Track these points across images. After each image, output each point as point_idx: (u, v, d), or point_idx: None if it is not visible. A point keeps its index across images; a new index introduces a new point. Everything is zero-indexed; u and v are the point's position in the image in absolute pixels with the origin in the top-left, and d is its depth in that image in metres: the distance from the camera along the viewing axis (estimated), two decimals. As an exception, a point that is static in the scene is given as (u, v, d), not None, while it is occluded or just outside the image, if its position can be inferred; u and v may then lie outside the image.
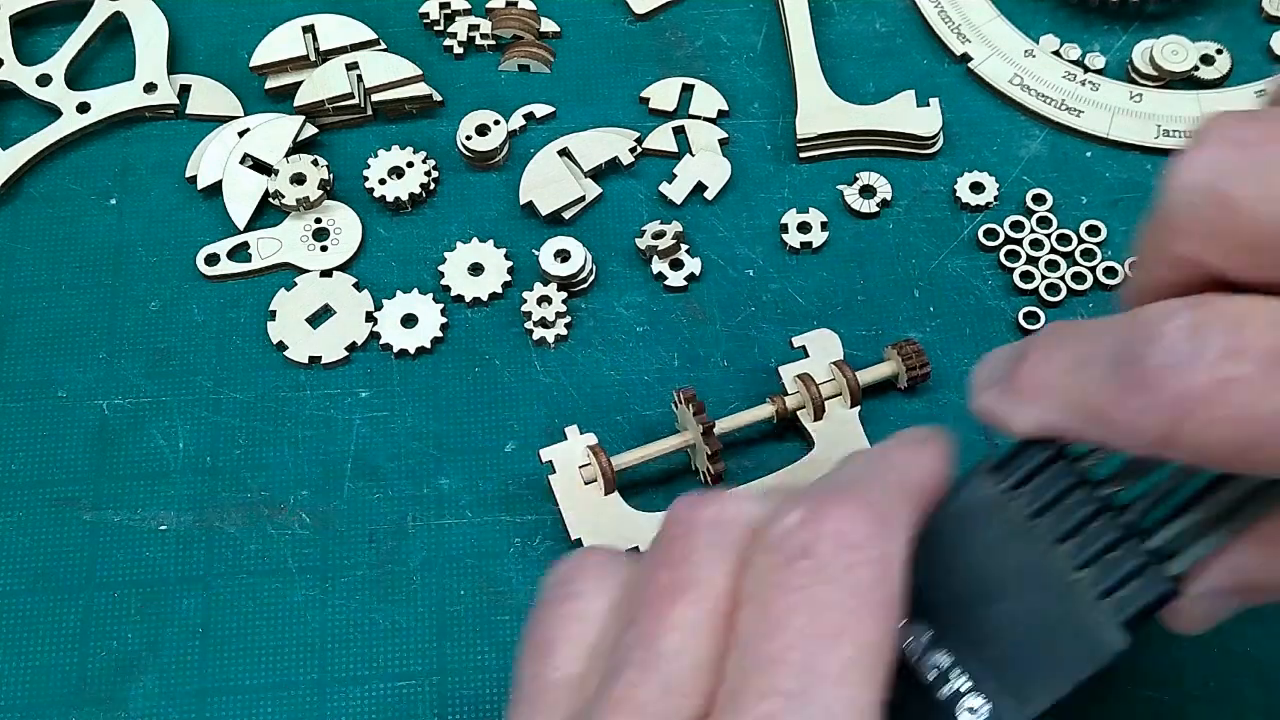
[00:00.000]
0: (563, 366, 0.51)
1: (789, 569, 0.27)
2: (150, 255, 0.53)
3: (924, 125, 0.54)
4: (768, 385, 0.50)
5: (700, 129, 0.55)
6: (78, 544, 0.47)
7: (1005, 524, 0.32)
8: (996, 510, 0.32)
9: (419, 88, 0.56)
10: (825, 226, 0.53)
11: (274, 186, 0.53)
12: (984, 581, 0.31)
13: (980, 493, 0.32)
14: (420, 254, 0.53)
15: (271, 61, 0.56)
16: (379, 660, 0.45)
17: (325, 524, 0.48)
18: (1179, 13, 0.58)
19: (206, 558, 0.47)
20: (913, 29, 0.58)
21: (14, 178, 0.54)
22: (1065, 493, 0.32)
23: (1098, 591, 0.31)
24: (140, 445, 0.49)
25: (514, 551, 0.47)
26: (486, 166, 0.55)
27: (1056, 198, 0.53)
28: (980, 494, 0.32)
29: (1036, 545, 0.31)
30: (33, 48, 0.58)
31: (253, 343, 0.51)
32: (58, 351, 0.51)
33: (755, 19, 0.58)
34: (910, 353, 0.48)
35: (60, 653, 0.46)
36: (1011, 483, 0.32)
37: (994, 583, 0.31)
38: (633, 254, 0.53)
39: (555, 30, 0.58)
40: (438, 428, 0.49)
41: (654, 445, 0.47)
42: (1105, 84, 0.55)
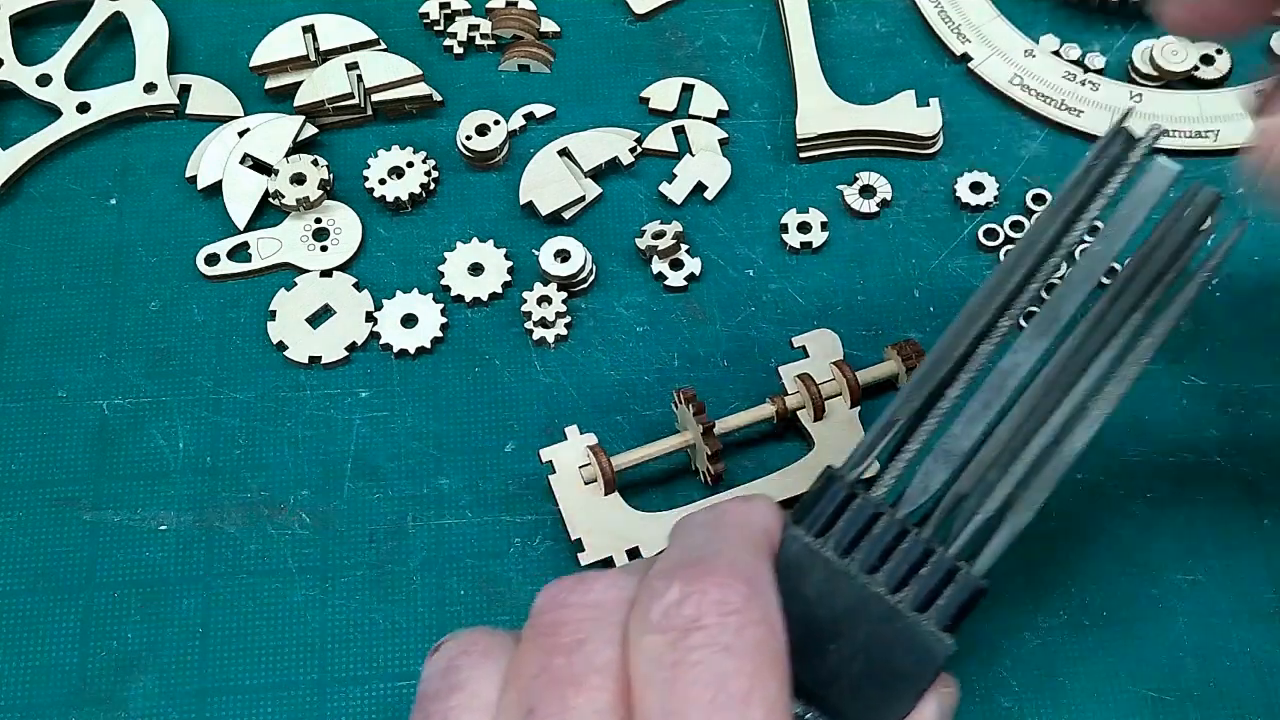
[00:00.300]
0: (563, 366, 0.51)
1: (684, 644, 0.28)
2: (150, 255, 0.53)
3: (924, 125, 0.54)
4: (768, 385, 0.50)
5: (700, 129, 0.55)
6: (78, 544, 0.47)
7: (823, 568, 0.34)
8: (812, 558, 0.34)
9: (419, 88, 0.56)
10: (825, 226, 0.53)
11: (274, 186, 0.53)
12: (818, 626, 0.34)
13: (794, 546, 0.34)
14: (420, 254, 0.53)
15: (271, 61, 0.56)
16: (379, 660, 0.45)
17: (325, 524, 0.48)
18: (1179, 13, 0.58)
19: (206, 558, 0.47)
20: (913, 29, 0.58)
21: (14, 178, 0.54)
22: (868, 525, 0.35)
23: (916, 607, 0.34)
24: (140, 445, 0.49)
25: (514, 551, 0.47)
26: (486, 166, 0.55)
27: (1056, 198, 0.53)
28: (795, 547, 0.34)
29: (855, 581, 0.34)
30: (33, 48, 0.58)
31: (253, 343, 0.51)
32: (58, 351, 0.51)
33: (755, 19, 0.58)
34: (910, 353, 0.48)
35: (60, 653, 0.46)
36: (818, 528, 0.35)
37: (827, 626, 0.34)
38: (633, 254, 0.53)
39: (555, 30, 0.58)
40: (438, 428, 0.49)
41: (654, 445, 0.47)
42: (1105, 84, 0.55)
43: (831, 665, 0.33)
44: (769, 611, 0.29)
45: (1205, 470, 0.48)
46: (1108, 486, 0.48)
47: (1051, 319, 0.36)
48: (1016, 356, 0.36)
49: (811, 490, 0.35)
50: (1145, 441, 0.48)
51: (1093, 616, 0.45)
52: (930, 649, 0.33)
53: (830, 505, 0.35)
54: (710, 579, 0.29)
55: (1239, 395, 0.49)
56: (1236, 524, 0.47)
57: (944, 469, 0.36)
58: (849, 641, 0.33)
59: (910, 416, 0.36)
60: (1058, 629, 0.45)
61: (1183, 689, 0.44)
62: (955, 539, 0.35)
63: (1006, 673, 0.45)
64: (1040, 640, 0.45)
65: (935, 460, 0.36)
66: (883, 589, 0.34)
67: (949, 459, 0.36)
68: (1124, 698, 0.44)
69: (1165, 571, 0.46)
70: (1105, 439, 0.48)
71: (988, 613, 0.46)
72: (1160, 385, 0.49)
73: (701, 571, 0.29)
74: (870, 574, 0.34)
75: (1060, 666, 0.45)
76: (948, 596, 0.34)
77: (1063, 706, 0.44)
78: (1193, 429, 0.49)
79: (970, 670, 0.45)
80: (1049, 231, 0.37)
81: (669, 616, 0.29)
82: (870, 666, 0.33)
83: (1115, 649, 0.45)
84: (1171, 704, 0.44)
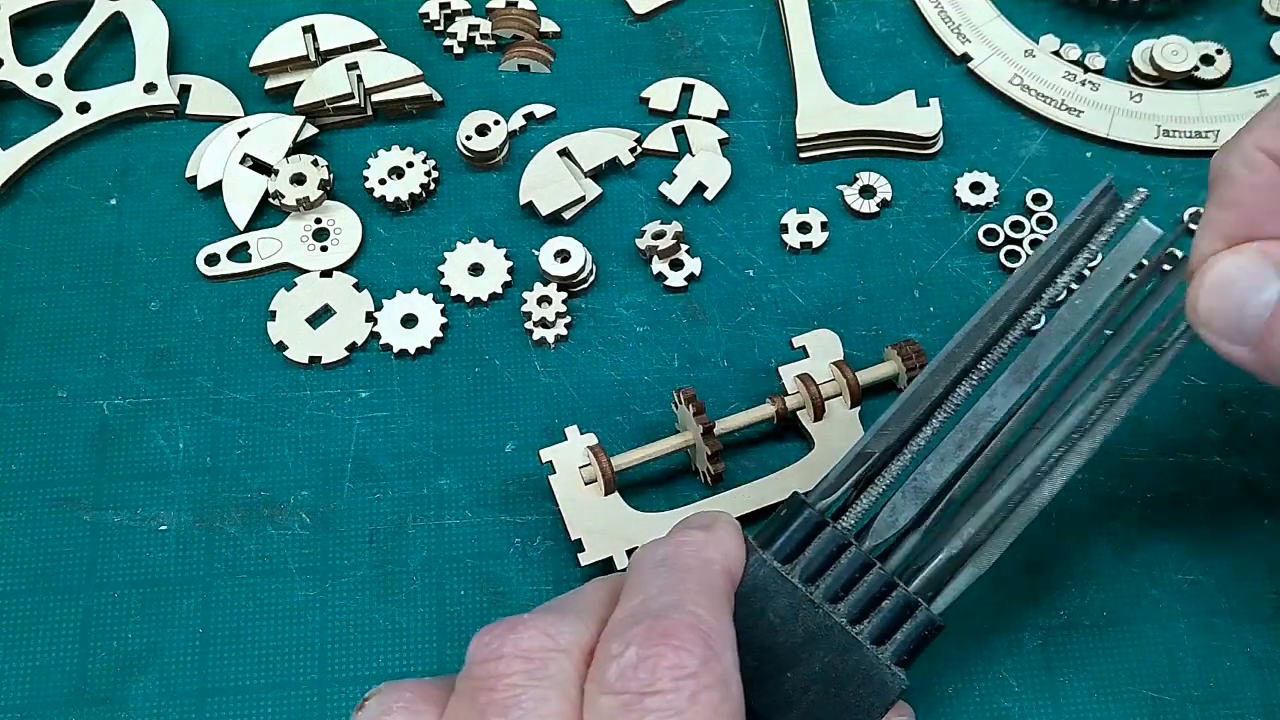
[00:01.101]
0: (563, 366, 0.51)
1: (638, 708, 0.29)
2: (150, 255, 0.53)
3: (924, 125, 0.54)
4: (768, 385, 0.50)
5: (700, 129, 0.55)
6: (78, 544, 0.47)
7: (787, 595, 0.35)
8: (777, 583, 0.35)
9: (419, 88, 0.56)
10: (825, 226, 0.53)
11: (274, 186, 0.53)
12: (778, 652, 0.34)
13: (762, 570, 0.35)
14: (420, 254, 0.53)
15: (271, 61, 0.56)
16: (379, 660, 0.45)
17: (325, 524, 0.48)
18: (1179, 13, 0.58)
19: (206, 558, 0.47)
20: (913, 29, 0.58)
21: (14, 178, 0.54)
22: (835, 555, 0.35)
23: (872, 638, 0.34)
24: (140, 445, 0.49)
25: (514, 551, 0.47)
26: (486, 166, 0.55)
27: (1056, 198, 0.53)
28: (762, 570, 0.35)
29: (816, 609, 0.34)
30: (33, 48, 0.58)
31: (253, 343, 0.51)
32: (58, 351, 0.51)
33: (755, 19, 0.58)
34: (910, 353, 0.48)
35: (60, 653, 0.46)
36: (786, 553, 0.35)
37: (786, 652, 0.34)
38: (633, 254, 0.53)
39: (555, 30, 0.58)
40: (438, 428, 0.49)
41: (654, 445, 0.47)
42: (1105, 84, 0.55)
43: (786, 692, 0.34)
44: (725, 673, 0.30)
45: (1205, 470, 0.48)
46: (1108, 486, 0.48)
47: (1030, 367, 0.37)
48: (993, 400, 0.37)
49: (780, 514, 0.36)
50: (1145, 441, 0.48)
51: (1093, 616, 0.45)
52: (885, 683, 0.34)
53: (800, 532, 0.35)
54: (667, 642, 0.29)
55: (1239, 395, 0.49)
56: (1236, 524, 0.47)
57: (913, 505, 0.36)
58: (805, 669, 0.34)
59: (884, 450, 0.37)
60: (1058, 629, 0.45)
61: (1183, 689, 0.44)
62: (917, 575, 0.36)
63: (1006, 673, 0.45)
64: (1040, 640, 0.45)
65: (905, 496, 0.36)
66: (844, 619, 0.34)
67: (919, 495, 0.36)
68: (1124, 698, 0.44)
69: (1165, 571, 0.46)
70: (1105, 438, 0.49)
71: (988, 612, 0.46)
72: (1160, 385, 0.49)
73: (659, 633, 0.29)
74: (833, 603, 0.35)
75: (1060, 666, 0.45)
76: (905, 631, 0.34)
77: (1063, 706, 0.44)
78: (1193, 429, 0.49)
79: (970, 670, 0.45)
80: (1033, 281, 0.38)
81: (624, 679, 0.29)
82: (825, 696, 0.34)
83: (1115, 649, 0.45)
84: (1171, 704, 0.44)
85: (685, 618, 0.30)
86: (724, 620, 0.31)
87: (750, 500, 0.47)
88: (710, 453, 0.46)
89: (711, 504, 0.47)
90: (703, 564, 0.33)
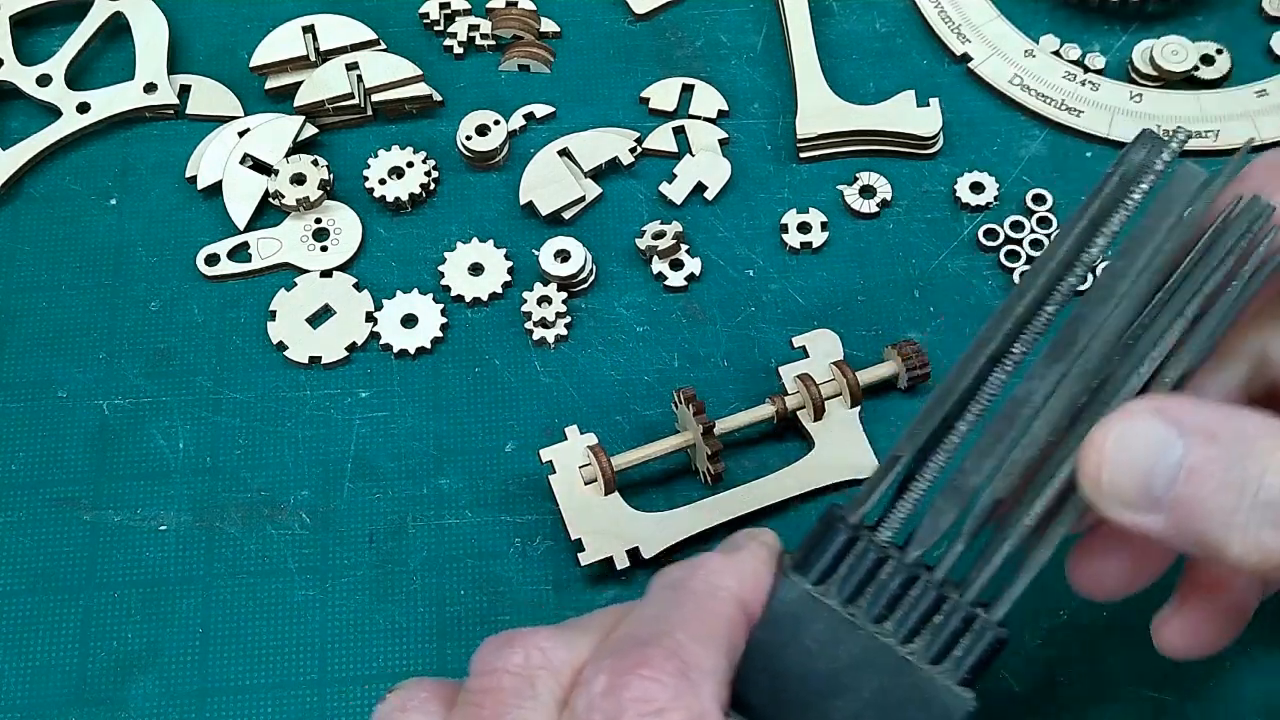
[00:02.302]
0: (563, 366, 0.51)
1: None
2: (150, 255, 0.53)
3: (924, 125, 0.54)
4: (768, 385, 0.50)
5: (700, 129, 0.55)
6: (78, 544, 0.47)
7: (825, 618, 0.31)
8: (812, 607, 0.31)
9: (419, 88, 0.56)
10: (825, 226, 0.53)
11: (274, 186, 0.53)
12: (820, 681, 0.31)
13: (792, 593, 0.32)
14: (420, 254, 0.53)
15: (271, 61, 0.56)
16: (379, 660, 0.45)
17: (325, 524, 0.48)
18: (1179, 13, 0.58)
19: (206, 558, 0.47)
20: (913, 29, 0.58)
21: (14, 178, 0.54)
22: (874, 570, 0.32)
23: (930, 658, 0.31)
24: (140, 445, 0.49)
25: (514, 551, 0.47)
26: (486, 166, 0.55)
27: (1056, 198, 0.53)
28: (793, 594, 0.32)
29: (860, 631, 0.31)
30: (33, 48, 0.58)
31: (253, 343, 0.51)
32: (58, 351, 0.51)
33: (755, 19, 0.58)
34: (910, 353, 0.48)
35: (60, 653, 0.46)
36: (820, 574, 0.32)
37: (829, 681, 0.31)
38: (633, 254, 0.53)
39: (555, 30, 0.58)
40: (438, 428, 0.49)
41: (654, 445, 0.47)
42: (1105, 84, 0.55)
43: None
44: (702, 709, 0.28)
45: (1205, 470, 0.48)
46: (1108, 486, 0.48)
47: (1068, 342, 0.33)
48: (1030, 384, 0.33)
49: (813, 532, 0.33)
50: (1145, 441, 0.48)
51: (1093, 616, 0.45)
52: (947, 706, 0.30)
53: (833, 549, 0.32)
54: (639, 671, 0.28)
55: (1239, 395, 0.49)
56: (1236, 524, 0.47)
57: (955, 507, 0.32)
58: (854, 697, 0.31)
59: (916, 452, 0.33)
60: (1058, 629, 0.45)
61: (1183, 689, 0.44)
62: (971, 583, 0.32)
63: (1006, 673, 0.45)
64: (1040, 640, 0.45)
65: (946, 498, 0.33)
66: (893, 639, 0.31)
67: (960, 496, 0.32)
68: (1124, 698, 0.44)
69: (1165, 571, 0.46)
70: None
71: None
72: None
73: (632, 663, 0.28)
74: (878, 623, 0.31)
75: (1060, 666, 0.45)
76: (965, 647, 0.31)
77: (1063, 706, 0.44)
78: (1193, 429, 0.49)
79: (970, 670, 0.45)
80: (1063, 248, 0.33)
81: (590, 709, 0.28)
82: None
83: (1115, 649, 0.45)
84: (1171, 704, 0.44)
85: (665, 647, 0.29)
86: (712, 651, 0.30)
87: (750, 500, 0.47)
88: (710, 453, 0.46)
89: (711, 504, 0.47)
90: (709, 590, 0.31)
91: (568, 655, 0.30)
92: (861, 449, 0.48)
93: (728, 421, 0.47)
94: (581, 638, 0.31)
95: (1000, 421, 0.33)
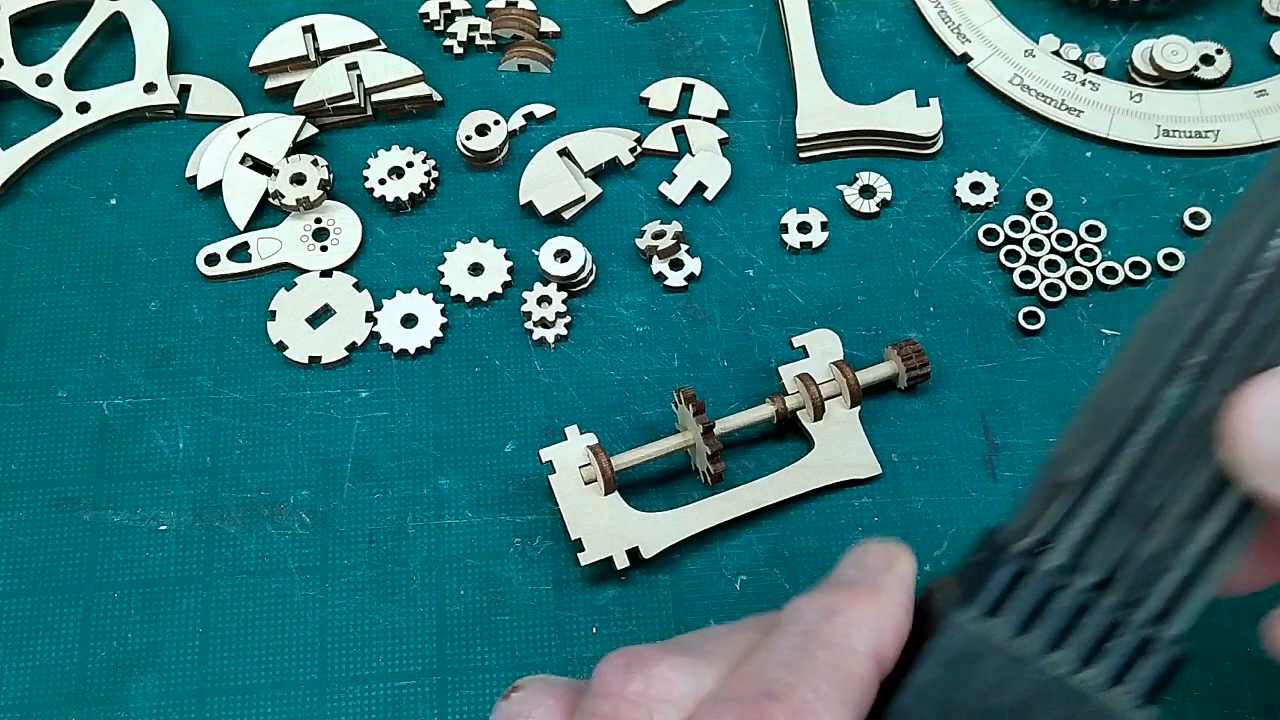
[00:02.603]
0: (563, 366, 0.51)
1: None
2: (150, 255, 0.53)
3: (924, 125, 0.54)
4: (768, 385, 0.50)
5: (700, 129, 0.55)
6: (78, 544, 0.47)
7: (997, 656, 0.30)
8: (982, 644, 0.30)
9: (419, 88, 0.56)
10: (825, 226, 0.53)
11: (274, 186, 0.53)
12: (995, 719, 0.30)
13: (960, 634, 0.30)
14: (420, 254, 0.53)
15: (271, 61, 0.56)
16: (379, 660, 0.45)
17: (325, 524, 0.48)
18: (1179, 13, 0.58)
19: (206, 558, 0.47)
20: (913, 29, 0.58)
21: (14, 178, 0.54)
22: (1044, 600, 0.31)
23: (1109, 683, 0.30)
24: (140, 445, 0.49)
25: (514, 551, 0.47)
26: (486, 166, 0.55)
27: (1056, 198, 0.53)
28: (961, 635, 0.30)
29: (1034, 664, 0.30)
30: (33, 48, 0.58)
31: (253, 343, 0.51)
32: (58, 351, 0.51)
33: (755, 19, 0.58)
34: (910, 353, 0.48)
35: (60, 653, 0.46)
36: (987, 609, 0.31)
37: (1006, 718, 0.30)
38: (633, 254, 0.53)
39: (555, 30, 0.58)
40: (438, 428, 0.49)
41: (654, 445, 0.47)
42: (1105, 84, 0.55)
43: None
44: None
45: (1205, 470, 0.48)
46: (1108, 486, 0.48)
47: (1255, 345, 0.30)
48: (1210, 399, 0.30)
49: (974, 563, 0.31)
50: (1145, 441, 0.48)
51: (1093, 616, 0.45)
52: None
53: (1001, 582, 0.31)
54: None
55: (1239, 395, 0.49)
56: (1236, 524, 0.47)
57: (1129, 529, 0.31)
58: None
59: (1087, 476, 0.31)
60: (1058, 629, 0.45)
61: (1183, 689, 0.44)
62: (1143, 603, 0.31)
63: (1006, 673, 0.45)
64: (1040, 640, 0.45)
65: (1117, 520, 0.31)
66: (1067, 670, 0.30)
67: (1134, 517, 0.31)
68: (1124, 698, 0.44)
69: None
70: None
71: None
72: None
73: (753, 715, 0.27)
74: (1051, 653, 0.30)
75: (1060, 666, 0.45)
76: (1142, 669, 0.30)
77: (1063, 706, 0.44)
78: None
79: (970, 670, 0.45)
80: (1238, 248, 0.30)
81: None
82: None
83: (1115, 649, 0.45)
84: (1171, 704, 0.44)
85: (790, 705, 0.27)
86: (839, 714, 0.28)
87: (750, 500, 0.47)
88: (710, 453, 0.46)
89: (711, 504, 0.47)
90: (845, 645, 0.29)
91: (693, 685, 0.29)
92: (861, 449, 0.48)
93: (728, 421, 0.47)
94: (706, 668, 0.29)
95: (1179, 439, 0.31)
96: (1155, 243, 0.52)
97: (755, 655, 0.29)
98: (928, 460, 0.48)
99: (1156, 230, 0.53)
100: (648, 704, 0.28)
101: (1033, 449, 0.48)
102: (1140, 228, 0.53)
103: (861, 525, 0.47)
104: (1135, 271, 0.52)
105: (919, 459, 0.48)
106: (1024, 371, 0.50)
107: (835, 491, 0.48)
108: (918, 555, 0.46)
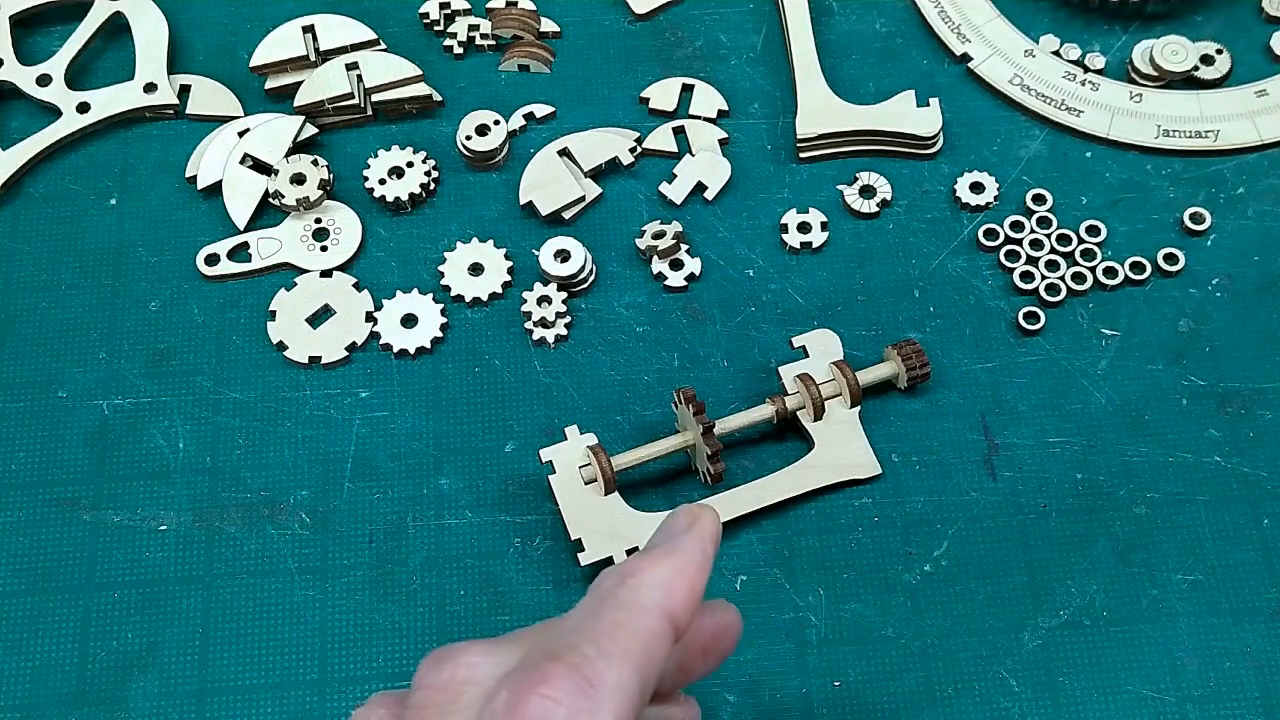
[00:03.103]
0: (563, 366, 0.51)
1: None
2: (150, 255, 0.53)
3: (924, 125, 0.54)
4: (768, 385, 0.50)
5: (700, 129, 0.55)
6: (78, 544, 0.47)
7: None
8: None
9: (419, 88, 0.56)
10: (825, 226, 0.53)
11: (274, 186, 0.53)
12: None
13: None
14: (420, 254, 0.53)
15: (271, 61, 0.56)
16: (379, 660, 0.45)
17: (325, 524, 0.48)
18: (1179, 13, 0.58)
19: (206, 558, 0.47)
20: (913, 29, 0.58)
21: (14, 178, 0.54)
22: None
23: None
24: (140, 445, 0.49)
25: (514, 551, 0.47)
26: (486, 166, 0.55)
27: (1056, 198, 0.53)
28: None
29: None
30: (33, 48, 0.58)
31: (253, 343, 0.51)
32: (58, 351, 0.51)
33: (755, 19, 0.58)
34: (910, 353, 0.48)
35: (60, 653, 0.46)
36: None
37: None
38: (633, 254, 0.53)
39: (555, 30, 0.58)
40: (438, 428, 0.49)
41: (654, 445, 0.47)
42: (1105, 84, 0.55)
43: None
44: None
45: (1205, 470, 0.48)
46: (1108, 486, 0.48)
47: None
48: None
49: None
50: (1145, 441, 0.48)
51: (1093, 617, 0.45)
52: None
53: None
54: (538, 689, 0.28)
55: (1239, 395, 0.49)
56: (1236, 524, 0.47)
57: None
58: None
59: None
60: (1058, 629, 0.45)
61: (1183, 689, 0.44)
62: None
63: (1006, 673, 0.45)
64: (1040, 640, 0.45)
65: None
66: None
67: None
68: (1124, 698, 0.44)
69: (1165, 571, 0.46)
70: (1105, 438, 0.49)
71: (988, 612, 0.46)
72: (1160, 385, 0.50)
73: (534, 679, 0.28)
74: None
75: (1060, 666, 0.45)
76: None
77: (1063, 706, 0.44)
78: (1193, 429, 0.49)
79: (970, 670, 0.45)
80: None
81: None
82: None
83: (1115, 649, 0.45)
84: (1171, 704, 0.44)
85: (569, 663, 0.28)
86: (624, 668, 0.29)
87: (750, 500, 0.47)
88: (710, 453, 0.46)
89: (711, 504, 0.47)
90: (634, 601, 0.30)
91: (494, 669, 0.30)
92: (861, 449, 0.48)
93: (728, 421, 0.47)
94: (512, 650, 0.30)
95: None
96: (1155, 243, 0.52)
97: (552, 626, 0.31)
98: (928, 460, 0.48)
99: (1156, 230, 0.53)
100: (454, 688, 0.30)
101: (1033, 449, 0.48)
102: (1140, 228, 0.53)
103: (861, 525, 0.47)
104: (1135, 271, 0.52)
105: (919, 459, 0.48)
106: (1024, 371, 0.50)
107: (835, 491, 0.48)
108: (918, 555, 0.47)
